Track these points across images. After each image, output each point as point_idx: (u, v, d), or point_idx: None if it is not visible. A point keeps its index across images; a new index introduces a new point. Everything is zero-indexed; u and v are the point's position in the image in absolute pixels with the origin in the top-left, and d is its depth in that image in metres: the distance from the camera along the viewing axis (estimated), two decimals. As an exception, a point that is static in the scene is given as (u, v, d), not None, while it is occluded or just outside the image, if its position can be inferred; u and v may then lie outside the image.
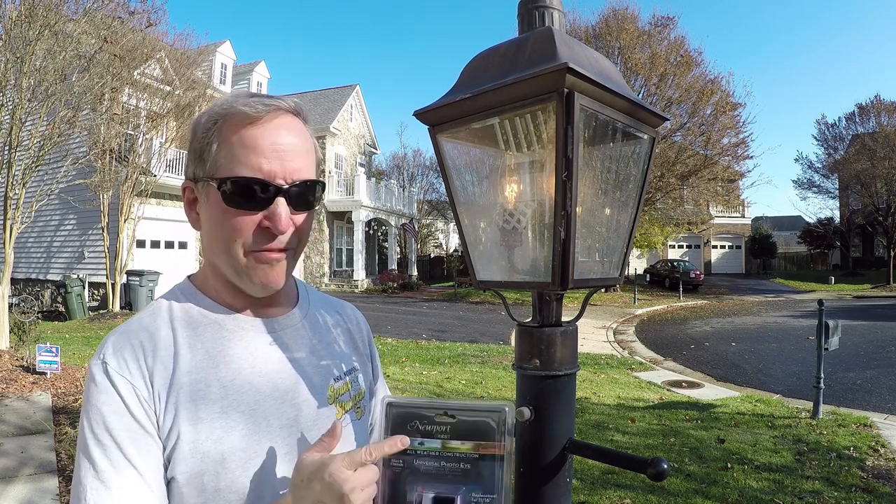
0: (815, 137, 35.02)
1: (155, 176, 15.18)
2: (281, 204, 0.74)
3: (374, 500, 0.67)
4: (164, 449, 0.71)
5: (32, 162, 8.24)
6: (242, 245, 0.75)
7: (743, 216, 36.84)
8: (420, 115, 0.79)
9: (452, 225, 38.24)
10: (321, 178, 0.82)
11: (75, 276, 14.70)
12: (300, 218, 0.78)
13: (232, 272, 0.77)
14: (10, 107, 7.88)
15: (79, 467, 0.69)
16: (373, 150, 30.56)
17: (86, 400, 0.72)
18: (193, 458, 0.70)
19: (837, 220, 34.95)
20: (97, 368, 0.72)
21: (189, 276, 0.86)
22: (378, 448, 0.67)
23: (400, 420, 0.71)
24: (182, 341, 0.76)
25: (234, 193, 0.73)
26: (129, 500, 0.67)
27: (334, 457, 0.66)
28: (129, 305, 14.60)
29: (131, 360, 0.72)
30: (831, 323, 5.76)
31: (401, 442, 0.69)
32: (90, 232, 15.46)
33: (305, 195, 0.77)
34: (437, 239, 41.29)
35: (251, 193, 0.73)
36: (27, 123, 8.37)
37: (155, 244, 17.01)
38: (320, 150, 0.86)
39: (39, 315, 14.19)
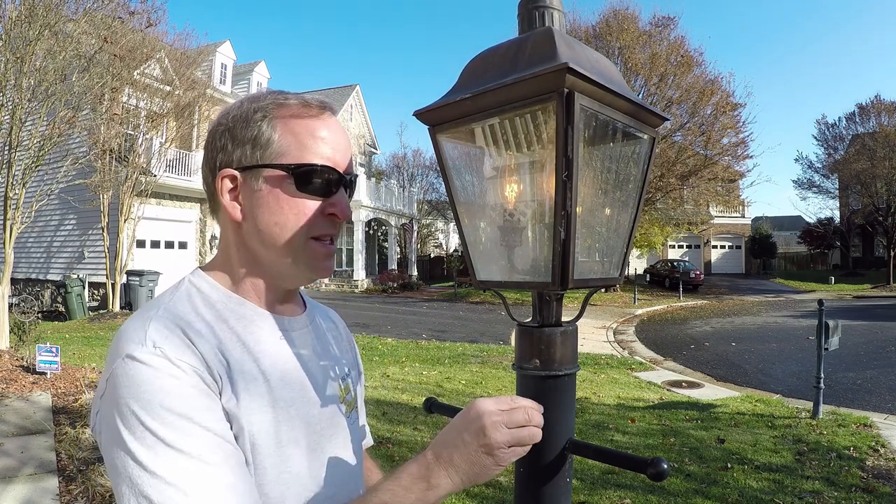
0: (815, 137, 35.06)
1: (155, 176, 15.19)
2: (343, 193, 0.80)
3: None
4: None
5: (32, 162, 8.24)
6: (306, 231, 0.76)
7: (743, 216, 36.85)
8: (420, 115, 0.79)
9: (452, 225, 38.23)
10: None
11: (75, 276, 14.70)
12: None
13: (288, 259, 0.77)
14: (10, 107, 7.88)
15: (162, 461, 0.60)
16: (373, 150, 30.56)
17: (137, 391, 0.62)
18: (247, 450, 0.69)
19: (837, 220, 34.94)
20: (148, 355, 0.64)
21: (200, 268, 0.82)
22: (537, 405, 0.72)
23: None
24: (219, 332, 0.74)
25: (307, 179, 0.76)
26: (237, 477, 0.64)
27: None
28: (129, 305, 14.60)
29: (184, 346, 0.67)
30: (831, 323, 5.76)
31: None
32: (90, 232, 15.46)
33: (353, 188, 0.84)
34: (437, 239, 41.29)
35: (323, 181, 0.77)
36: (27, 123, 8.37)
37: (155, 244, 17.01)
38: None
39: (39, 315, 14.19)
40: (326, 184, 0.77)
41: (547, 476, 0.74)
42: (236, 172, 0.76)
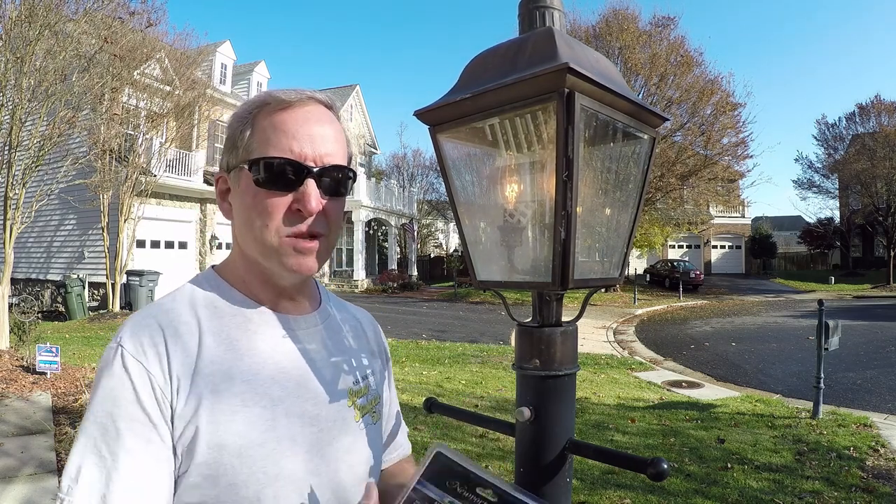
0: (815, 137, 35.06)
1: (155, 176, 15.18)
2: (310, 185, 0.74)
3: None
4: (180, 437, 0.69)
5: (32, 162, 8.24)
6: (274, 228, 0.75)
7: (743, 216, 36.85)
8: (420, 115, 0.79)
9: (452, 225, 38.23)
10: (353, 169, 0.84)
11: (75, 276, 14.70)
12: (331, 204, 0.78)
13: (263, 258, 0.77)
14: (10, 107, 7.88)
15: (78, 452, 0.67)
16: (373, 150, 30.57)
17: (96, 382, 0.70)
18: (211, 451, 0.69)
19: (837, 220, 34.95)
20: (112, 352, 0.70)
21: (213, 267, 0.85)
22: None
23: (441, 471, 0.67)
24: (206, 329, 0.75)
25: (264, 174, 0.74)
26: (127, 488, 0.65)
27: None
28: (129, 305, 14.60)
29: (149, 344, 0.70)
30: (831, 323, 5.75)
31: None
32: (90, 232, 15.46)
33: (336, 180, 0.78)
34: (437, 239, 41.28)
35: (281, 174, 0.74)
36: (27, 123, 8.37)
37: (155, 244, 17.01)
38: (355, 147, 0.87)
39: (39, 315, 14.18)
40: (286, 177, 0.74)
41: (547, 476, 0.74)
42: (225, 174, 0.81)
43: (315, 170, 0.75)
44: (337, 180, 0.78)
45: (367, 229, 25.64)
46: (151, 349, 0.70)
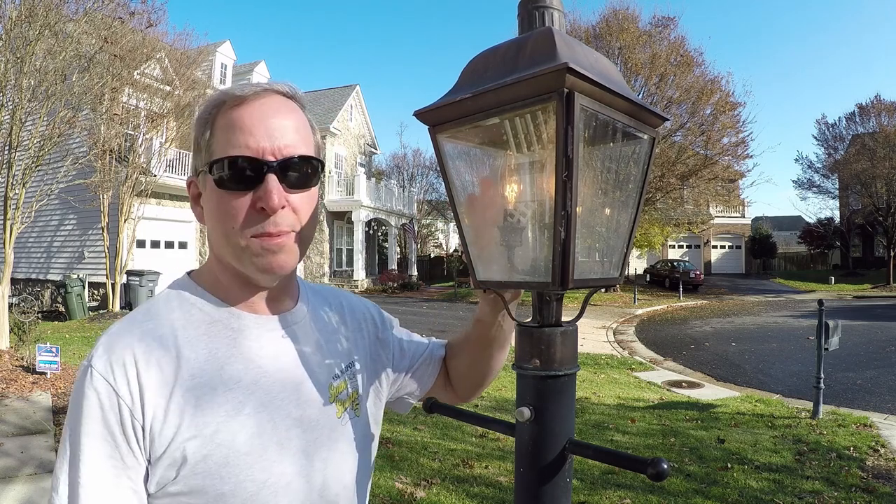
0: (816, 137, 35.05)
1: (155, 176, 15.18)
2: (271, 181, 0.71)
3: None
4: (163, 454, 0.68)
5: (32, 162, 8.25)
6: (240, 229, 0.72)
7: (743, 216, 36.85)
8: (420, 115, 0.79)
9: (452, 225, 38.23)
10: (322, 159, 0.81)
11: (75, 276, 14.69)
12: (297, 197, 0.75)
13: (236, 261, 0.75)
14: (11, 107, 7.88)
15: (55, 467, 0.69)
16: (373, 150, 30.56)
17: (70, 401, 0.71)
18: (197, 464, 0.68)
19: (837, 220, 34.96)
20: (83, 371, 0.70)
21: (189, 273, 0.83)
22: None
23: None
24: (183, 342, 0.73)
25: (222, 174, 0.72)
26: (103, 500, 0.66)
27: None
28: (129, 305, 14.59)
29: (118, 363, 0.69)
30: (831, 323, 5.76)
31: None
32: (90, 232, 15.46)
33: (299, 172, 0.74)
34: (437, 239, 41.28)
35: (239, 172, 0.71)
36: (27, 123, 8.37)
37: (155, 244, 17.01)
38: (320, 136, 0.85)
39: (39, 315, 14.16)
40: (245, 175, 0.71)
41: (547, 476, 0.74)
42: (194, 179, 0.80)
43: (274, 164, 0.72)
44: (301, 172, 0.75)
45: (367, 229, 25.64)
46: (120, 368, 0.68)
